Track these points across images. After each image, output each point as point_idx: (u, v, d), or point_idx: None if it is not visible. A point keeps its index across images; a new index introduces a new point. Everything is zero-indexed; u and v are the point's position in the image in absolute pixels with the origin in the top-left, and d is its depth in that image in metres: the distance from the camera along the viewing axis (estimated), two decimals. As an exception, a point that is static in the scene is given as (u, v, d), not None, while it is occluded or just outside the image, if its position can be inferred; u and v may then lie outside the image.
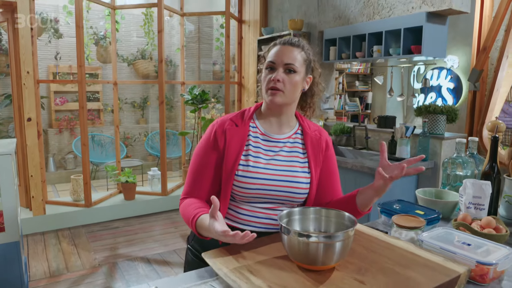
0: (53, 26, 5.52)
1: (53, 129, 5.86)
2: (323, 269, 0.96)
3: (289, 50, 1.22)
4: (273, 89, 1.20)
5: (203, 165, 1.26)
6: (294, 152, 1.27)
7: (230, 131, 1.24)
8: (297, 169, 1.24)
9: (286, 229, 0.96)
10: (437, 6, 2.87)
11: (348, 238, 0.94)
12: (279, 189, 1.21)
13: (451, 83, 5.00)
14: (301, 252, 0.95)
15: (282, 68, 1.20)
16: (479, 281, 1.01)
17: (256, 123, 1.29)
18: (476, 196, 1.40)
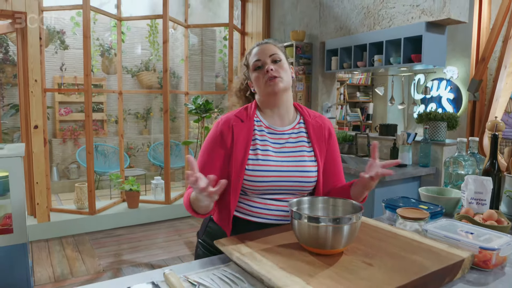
0: (60, 38, 5.63)
1: (57, 139, 5.91)
2: (332, 253, 1.00)
3: (267, 46, 1.32)
4: (271, 79, 1.27)
5: (209, 162, 1.28)
6: (300, 142, 1.32)
7: (236, 127, 1.28)
8: (305, 159, 1.29)
9: (297, 214, 1.00)
10: (436, 16, 2.95)
11: (355, 222, 0.98)
12: (289, 180, 1.25)
13: (451, 94, 5.08)
14: (311, 236, 0.98)
15: (269, 60, 1.29)
16: (483, 267, 1.05)
17: (259, 117, 1.34)
18: (477, 192, 1.44)
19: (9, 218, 2.40)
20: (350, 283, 0.85)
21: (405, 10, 3.19)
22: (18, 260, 2.31)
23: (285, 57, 1.35)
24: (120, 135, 4.67)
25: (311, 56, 4.19)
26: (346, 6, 3.75)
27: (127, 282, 0.97)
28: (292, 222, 1.03)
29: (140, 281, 0.97)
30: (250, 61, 1.33)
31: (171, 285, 0.92)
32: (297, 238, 1.05)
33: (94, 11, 4.01)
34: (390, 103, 3.66)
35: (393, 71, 3.71)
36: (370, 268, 0.93)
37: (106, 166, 5.89)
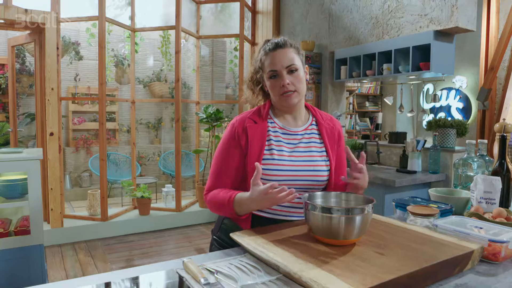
0: (75, 49, 5.78)
1: (70, 147, 6.03)
2: (345, 243, 1.03)
3: (283, 52, 1.30)
4: (286, 93, 1.30)
5: (226, 163, 1.33)
6: (312, 143, 1.37)
7: (251, 128, 1.32)
8: (316, 158, 1.34)
9: (312, 205, 1.04)
10: (444, 24, 3.00)
11: (367, 214, 1.02)
12: (302, 179, 1.30)
13: (460, 103, 5.09)
14: (324, 226, 1.02)
15: (285, 72, 1.29)
16: (492, 259, 1.07)
17: (273, 118, 1.38)
18: (487, 191, 1.46)
19: (26, 220, 2.47)
20: (362, 269, 0.89)
21: (413, 19, 3.24)
22: (34, 261, 2.36)
23: (301, 59, 1.35)
24: (132, 143, 4.75)
25: (320, 66, 4.26)
26: (355, 16, 3.82)
27: (147, 269, 1.02)
28: (306, 214, 1.07)
29: (159, 269, 1.02)
30: (266, 66, 1.33)
31: (190, 272, 0.96)
32: (310, 230, 1.09)
33: (109, 22, 4.13)
34: (399, 111, 3.69)
35: (402, 80, 3.76)
36: (382, 257, 0.96)
37: (117, 175, 5.97)
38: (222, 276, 0.94)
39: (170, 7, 4.57)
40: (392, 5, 3.42)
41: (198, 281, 0.91)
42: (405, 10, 3.31)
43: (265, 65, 1.33)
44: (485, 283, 0.93)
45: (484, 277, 0.98)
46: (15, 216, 2.63)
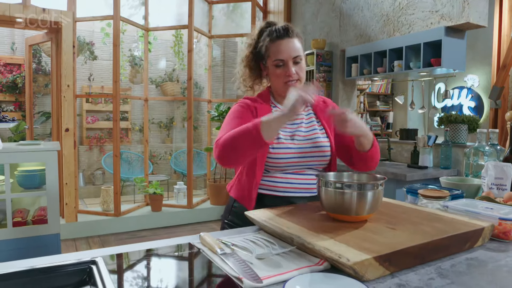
0: (89, 49, 5.89)
1: (84, 146, 6.13)
2: (357, 219, 1.06)
3: (291, 42, 1.34)
4: (290, 81, 1.35)
5: (239, 118, 1.32)
6: (311, 122, 1.44)
7: (260, 108, 1.38)
8: (318, 135, 1.40)
9: (324, 182, 1.07)
10: (455, 20, 3.01)
11: (378, 190, 1.04)
12: (308, 155, 1.37)
13: (472, 102, 5.06)
14: (337, 202, 1.05)
15: (291, 62, 1.34)
16: (503, 238, 1.08)
17: (274, 103, 1.45)
18: (498, 177, 1.48)
19: (43, 210, 2.53)
20: (375, 240, 0.91)
21: (424, 16, 3.26)
22: (51, 249, 2.43)
23: (302, 47, 1.40)
24: (145, 141, 4.82)
25: (331, 64, 4.28)
26: (366, 14, 3.85)
27: (165, 243, 1.06)
28: (319, 191, 1.10)
29: (178, 242, 1.06)
30: (272, 53, 1.35)
31: (207, 244, 1.00)
32: (323, 207, 1.12)
33: (124, 21, 4.22)
34: (411, 107, 3.70)
35: (413, 76, 3.76)
36: (393, 231, 0.99)
37: (130, 173, 6.05)
38: (237, 248, 0.98)
39: (183, 7, 4.65)
40: (403, 2, 3.44)
41: (214, 252, 0.94)
42: (416, 6, 3.33)
43: (271, 52, 1.36)
44: (496, 258, 0.95)
45: (495, 252, 0.99)
46: (33, 207, 2.70)
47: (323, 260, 0.87)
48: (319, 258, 0.88)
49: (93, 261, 0.78)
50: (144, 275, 0.85)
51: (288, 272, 0.82)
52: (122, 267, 0.86)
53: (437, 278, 0.81)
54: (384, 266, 0.82)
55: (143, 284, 0.80)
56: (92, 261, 0.78)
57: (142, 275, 0.85)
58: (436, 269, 0.86)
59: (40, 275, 0.74)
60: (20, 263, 0.79)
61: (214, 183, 4.88)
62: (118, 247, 0.97)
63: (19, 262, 0.80)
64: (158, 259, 0.96)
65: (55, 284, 0.74)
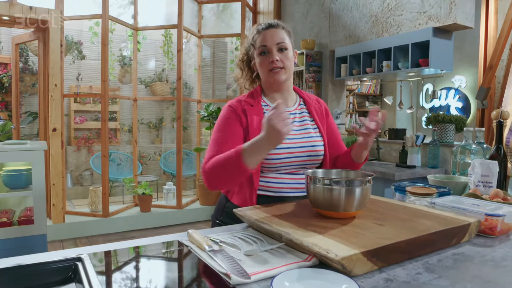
0: (77, 48, 5.83)
1: (72, 146, 6.06)
2: (345, 216, 1.06)
3: (275, 31, 1.35)
4: (275, 69, 1.33)
5: (227, 133, 1.32)
6: (304, 121, 1.43)
7: (249, 111, 1.36)
8: (311, 134, 1.40)
9: (313, 179, 1.07)
10: (443, 21, 3.04)
11: (366, 186, 1.05)
12: (301, 155, 1.36)
13: (460, 103, 5.13)
14: (325, 199, 1.05)
15: (275, 49, 1.33)
16: (489, 233, 1.10)
17: (266, 101, 1.43)
18: (484, 175, 1.49)
19: (29, 210, 2.50)
20: (362, 236, 0.92)
21: (412, 17, 3.29)
22: (38, 250, 2.39)
23: (291, 42, 1.40)
24: (134, 141, 4.79)
25: (320, 64, 4.30)
26: (355, 15, 3.87)
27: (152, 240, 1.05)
28: (307, 188, 1.10)
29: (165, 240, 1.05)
30: (257, 43, 1.36)
31: (195, 241, 0.99)
32: (312, 203, 1.12)
33: (112, 20, 4.18)
34: (399, 107, 3.73)
35: (401, 77, 3.80)
36: (381, 227, 0.99)
37: (118, 173, 6.00)
38: (226, 245, 0.97)
39: (172, 6, 4.63)
40: (392, 3, 3.47)
41: (202, 249, 0.94)
42: (404, 7, 3.36)
43: (256, 42, 1.37)
44: (482, 252, 0.96)
45: (481, 247, 1.00)
46: (19, 207, 2.66)
47: (311, 256, 0.87)
48: (307, 254, 0.88)
49: (78, 258, 0.77)
50: (131, 272, 0.84)
51: (276, 268, 0.82)
52: (108, 264, 0.85)
53: (425, 273, 0.82)
54: (372, 261, 0.82)
55: (129, 280, 0.79)
56: (78, 258, 0.77)
57: (129, 272, 0.84)
58: (424, 264, 0.87)
59: (25, 272, 0.73)
60: (4, 261, 0.77)
61: (204, 183, 4.86)
62: (105, 244, 0.96)
63: (3, 260, 0.79)
64: (146, 256, 0.95)
65: (40, 282, 0.73)
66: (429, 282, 0.77)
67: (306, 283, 0.75)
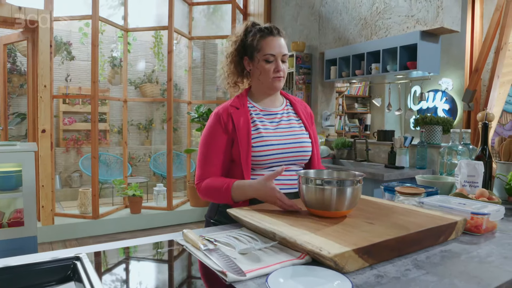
0: (66, 49, 5.78)
1: (61, 147, 6.00)
2: (337, 215, 1.09)
3: (282, 41, 1.43)
4: (279, 78, 1.42)
5: (213, 146, 1.40)
6: (291, 120, 1.50)
7: (235, 114, 1.41)
8: (298, 132, 1.47)
9: (305, 179, 1.10)
10: (430, 25, 3.11)
11: (357, 186, 1.08)
12: (290, 151, 1.42)
13: (446, 105, 5.22)
14: (317, 199, 1.08)
15: (280, 59, 1.41)
16: (475, 231, 1.14)
17: (252, 103, 1.48)
18: (470, 175, 1.54)
19: (19, 212, 2.48)
20: (353, 234, 0.94)
21: (400, 20, 3.35)
22: (28, 252, 2.36)
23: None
24: (124, 142, 4.77)
25: (310, 66, 4.34)
26: (344, 18, 3.92)
27: (148, 240, 1.06)
28: (300, 188, 1.13)
29: (161, 240, 1.06)
30: (263, 48, 1.40)
31: (190, 241, 1.01)
32: (304, 203, 1.14)
33: (103, 21, 4.17)
34: (388, 109, 3.79)
35: (390, 79, 3.86)
36: (371, 225, 1.03)
37: (108, 175, 5.96)
38: (220, 244, 0.99)
39: (163, 8, 4.63)
40: (380, 6, 3.52)
41: (198, 248, 0.96)
42: (392, 11, 3.42)
43: (261, 47, 1.40)
44: (468, 250, 1.00)
45: (467, 245, 1.04)
46: (8, 209, 2.64)
47: (304, 254, 0.89)
48: (300, 252, 0.90)
49: (77, 257, 0.78)
50: (129, 270, 0.86)
51: (271, 265, 0.84)
52: (106, 263, 0.86)
53: (413, 269, 0.85)
54: (363, 258, 0.85)
55: (128, 278, 0.80)
56: (76, 257, 0.78)
57: (127, 270, 0.85)
58: (412, 261, 0.90)
59: (24, 271, 0.74)
60: (2, 261, 0.78)
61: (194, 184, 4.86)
62: (102, 244, 0.97)
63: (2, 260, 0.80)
64: (142, 255, 0.97)
65: (39, 281, 0.74)
66: (418, 277, 0.80)
67: (300, 280, 0.77)
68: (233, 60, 1.48)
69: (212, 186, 1.35)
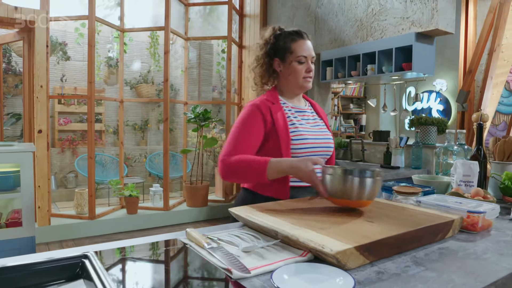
0: (62, 49, 5.77)
1: (56, 148, 5.98)
2: (357, 205, 1.16)
3: (310, 44, 1.55)
4: (309, 78, 1.54)
5: (249, 131, 1.44)
6: (316, 119, 1.62)
7: (273, 108, 1.50)
8: (324, 130, 1.57)
9: (329, 169, 1.17)
10: (425, 27, 3.15)
11: (378, 178, 1.14)
12: (320, 145, 1.53)
13: (441, 105, 5.28)
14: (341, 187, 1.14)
15: (310, 61, 1.53)
16: (471, 229, 1.17)
17: (283, 100, 1.57)
18: (466, 175, 1.57)
19: (17, 213, 2.48)
20: (354, 232, 0.97)
21: (396, 22, 3.39)
22: (26, 253, 2.37)
23: None
24: (120, 142, 4.76)
25: (307, 67, 4.36)
26: (340, 19, 3.96)
27: (150, 239, 1.08)
28: (323, 178, 1.19)
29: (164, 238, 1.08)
30: (296, 50, 1.50)
31: (193, 239, 1.03)
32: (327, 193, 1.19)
33: (99, 22, 4.16)
34: (383, 110, 3.83)
35: (385, 80, 3.90)
36: (371, 224, 1.05)
37: (103, 175, 5.95)
38: (223, 242, 1.01)
39: (159, 8, 4.63)
40: (376, 8, 3.56)
41: (201, 247, 0.97)
42: (388, 13, 3.45)
43: (295, 49, 1.51)
44: (465, 247, 1.03)
45: (464, 242, 1.07)
46: (5, 209, 2.64)
47: (306, 252, 0.91)
48: (302, 250, 0.92)
49: (85, 256, 0.80)
50: (135, 267, 0.87)
51: (274, 263, 0.86)
52: (114, 261, 0.88)
53: (413, 265, 0.87)
54: (364, 255, 0.87)
55: (135, 275, 0.82)
56: (84, 255, 0.80)
57: (133, 268, 0.87)
58: (412, 258, 0.93)
59: (33, 269, 0.75)
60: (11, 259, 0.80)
61: (191, 185, 4.87)
62: (108, 243, 0.99)
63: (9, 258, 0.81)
64: (147, 254, 0.98)
65: (48, 278, 0.75)
66: (417, 274, 0.83)
67: (304, 277, 0.79)
68: (263, 62, 1.56)
69: (244, 160, 1.36)
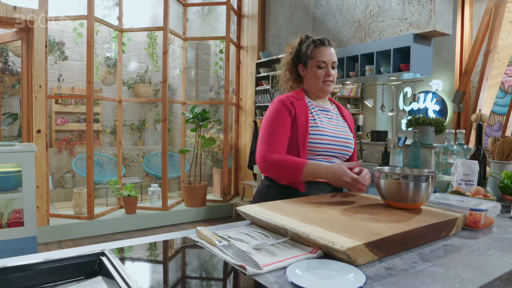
0: (59, 49, 5.75)
1: (53, 148, 5.96)
2: (413, 207, 1.20)
3: (332, 50, 1.62)
4: (327, 81, 1.60)
5: (280, 126, 1.55)
6: (339, 120, 1.69)
7: (296, 103, 1.59)
8: (345, 130, 1.66)
9: (384, 174, 1.24)
10: (423, 28, 3.18)
11: (430, 182, 1.18)
12: (339, 144, 1.59)
13: (437, 106, 5.33)
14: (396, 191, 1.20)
15: (330, 66, 1.60)
16: (473, 227, 1.20)
17: (309, 99, 1.65)
18: (466, 174, 1.60)
19: (18, 213, 2.48)
20: (363, 229, 0.99)
21: (394, 23, 3.42)
22: (28, 252, 2.38)
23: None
24: (118, 142, 4.76)
25: (305, 68, 4.39)
26: (338, 20, 3.99)
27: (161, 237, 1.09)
28: (378, 182, 1.26)
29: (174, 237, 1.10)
30: (316, 56, 1.59)
31: (204, 237, 1.05)
32: (381, 196, 1.27)
33: (98, 22, 4.17)
34: (381, 110, 3.86)
35: (383, 80, 3.93)
36: (377, 221, 1.07)
37: (101, 176, 5.93)
38: (234, 240, 1.03)
39: (158, 9, 4.65)
40: (374, 9, 3.59)
41: (213, 244, 0.99)
42: (386, 14, 3.49)
43: (314, 55, 1.60)
44: (468, 244, 1.05)
45: (467, 239, 1.10)
46: (6, 210, 2.63)
47: (316, 249, 0.93)
48: (311, 247, 0.94)
49: (102, 253, 0.81)
50: (151, 264, 0.89)
51: (286, 259, 0.88)
52: (130, 258, 0.89)
53: (420, 261, 0.90)
54: (373, 252, 0.89)
55: (152, 271, 0.84)
56: (101, 253, 0.82)
57: (149, 264, 0.89)
58: (418, 254, 0.95)
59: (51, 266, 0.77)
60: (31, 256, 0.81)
61: (189, 185, 4.89)
62: (124, 240, 1.01)
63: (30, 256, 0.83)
64: (160, 251, 1.00)
65: (67, 275, 0.77)
66: (425, 269, 0.85)
67: (316, 273, 0.82)
68: (289, 68, 1.67)
69: (284, 159, 1.49)
